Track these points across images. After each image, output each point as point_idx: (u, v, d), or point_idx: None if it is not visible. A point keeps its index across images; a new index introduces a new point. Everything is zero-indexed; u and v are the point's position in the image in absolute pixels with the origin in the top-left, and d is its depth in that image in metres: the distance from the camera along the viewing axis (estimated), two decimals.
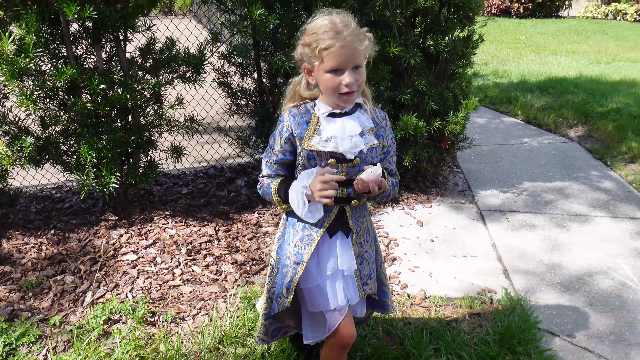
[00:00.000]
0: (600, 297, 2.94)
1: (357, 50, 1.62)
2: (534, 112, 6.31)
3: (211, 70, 3.77)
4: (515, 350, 2.42)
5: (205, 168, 4.42)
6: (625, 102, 6.50)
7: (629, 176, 4.59)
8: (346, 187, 1.80)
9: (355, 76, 1.65)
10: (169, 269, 3.04)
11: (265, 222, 3.52)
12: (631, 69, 9.03)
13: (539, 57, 10.39)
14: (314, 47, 1.63)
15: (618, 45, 11.98)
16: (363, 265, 1.94)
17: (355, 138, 1.74)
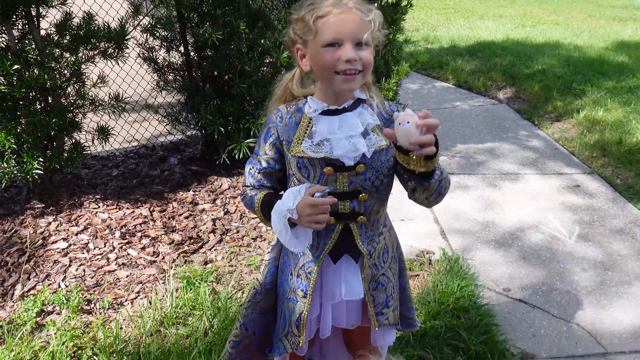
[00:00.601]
0: (532, 251, 3.07)
1: (362, 21, 1.32)
2: (465, 76, 6.45)
3: (135, 45, 3.61)
4: (455, 307, 2.50)
5: (135, 148, 4.27)
6: (550, 63, 6.74)
7: (555, 134, 4.78)
8: (349, 201, 1.45)
9: (359, 53, 1.32)
10: (102, 254, 2.93)
11: (201, 200, 3.44)
12: (554, 31, 9.35)
13: (468, 22, 10.58)
14: (309, 17, 1.33)
15: (542, 9, 12.37)
16: (378, 291, 1.58)
17: (355, 139, 1.39)
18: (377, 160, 1.42)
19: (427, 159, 1.23)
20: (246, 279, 2.69)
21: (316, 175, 1.42)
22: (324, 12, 1.32)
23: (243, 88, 3.29)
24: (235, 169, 3.78)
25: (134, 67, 4.14)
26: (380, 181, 1.45)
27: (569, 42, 8.13)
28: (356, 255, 1.53)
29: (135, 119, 4.52)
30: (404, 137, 1.20)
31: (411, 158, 1.25)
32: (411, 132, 1.18)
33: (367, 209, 1.47)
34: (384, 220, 1.57)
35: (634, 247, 3.13)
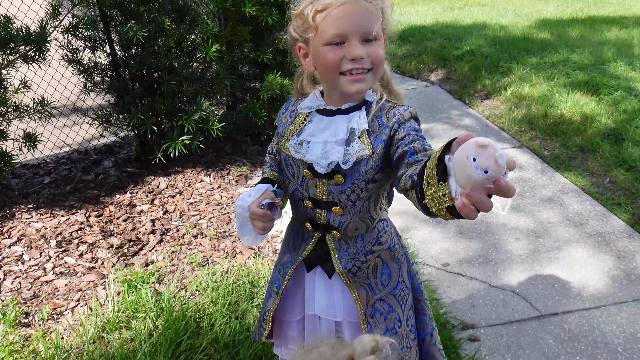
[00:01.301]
0: (468, 225, 3.18)
1: (367, 11, 1.15)
2: (397, 61, 6.56)
3: (58, 47, 3.49)
4: None
5: (67, 153, 4.14)
6: (478, 43, 6.94)
7: (485, 111, 4.95)
8: (326, 211, 1.33)
9: (367, 49, 1.17)
10: (38, 264, 2.84)
11: (139, 201, 3.38)
12: (481, 12, 9.63)
13: (399, 7, 10.74)
14: (307, 12, 1.19)
15: None
16: (376, 320, 1.39)
17: (330, 145, 1.25)
18: (356, 171, 1.25)
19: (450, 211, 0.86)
20: (189, 277, 2.67)
21: (299, 176, 1.33)
22: (323, 5, 1.16)
23: (173, 85, 3.25)
24: (172, 167, 3.73)
25: (59, 70, 4.01)
26: (356, 195, 1.28)
27: (495, 22, 8.40)
28: (329, 270, 1.40)
29: (64, 123, 4.38)
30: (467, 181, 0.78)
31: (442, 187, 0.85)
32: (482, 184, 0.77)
33: (341, 224, 1.33)
34: (375, 237, 1.38)
35: (562, 214, 3.29)
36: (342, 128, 1.25)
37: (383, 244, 1.39)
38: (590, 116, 4.47)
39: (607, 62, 5.73)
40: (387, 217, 1.44)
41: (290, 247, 1.47)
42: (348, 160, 1.24)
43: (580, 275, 2.74)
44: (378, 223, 1.38)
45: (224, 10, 3.33)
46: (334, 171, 1.26)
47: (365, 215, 1.33)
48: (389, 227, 1.43)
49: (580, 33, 7.45)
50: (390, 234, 1.42)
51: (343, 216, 1.32)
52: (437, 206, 0.87)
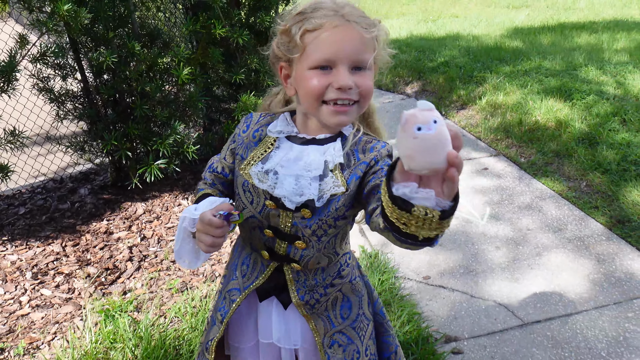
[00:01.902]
0: (449, 237, 3.18)
1: (362, 38, 1.06)
2: None
3: (29, 76, 3.45)
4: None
5: (43, 182, 4.08)
6: (452, 54, 7.02)
7: (461, 121, 4.99)
8: (288, 243, 1.22)
9: (356, 79, 1.07)
10: (14, 298, 2.78)
11: (116, 228, 3.34)
12: (454, 23, 9.76)
13: None
14: (295, 30, 1.08)
15: (441, 3, 12.86)
16: (334, 350, 1.33)
17: (305, 181, 1.14)
18: (327, 208, 1.14)
19: (445, 217, 0.79)
20: (168, 303, 2.63)
21: (259, 205, 1.20)
22: (314, 24, 1.06)
23: (146, 109, 3.23)
24: (149, 192, 3.69)
25: (30, 99, 3.97)
26: (323, 231, 1.19)
27: (468, 33, 8.51)
28: (286, 301, 1.32)
29: (39, 152, 4.32)
30: (424, 152, 0.73)
31: (416, 214, 0.79)
32: (442, 141, 0.73)
33: (302, 258, 1.23)
34: (336, 271, 1.30)
35: (541, 220, 3.31)
36: (317, 161, 1.14)
37: (344, 277, 1.32)
38: (564, 121, 4.53)
39: (579, 67, 5.82)
40: (349, 250, 1.36)
41: (237, 273, 1.36)
42: (322, 197, 1.14)
43: (561, 281, 2.75)
44: (341, 257, 1.30)
45: (194, 33, 3.33)
46: (302, 206, 1.15)
47: (330, 250, 1.24)
48: (351, 260, 1.36)
49: (551, 40, 7.58)
50: (352, 267, 1.35)
51: (306, 250, 1.22)
52: (430, 226, 0.81)
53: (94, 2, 3.27)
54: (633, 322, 2.44)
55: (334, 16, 1.07)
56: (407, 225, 0.82)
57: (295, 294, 1.28)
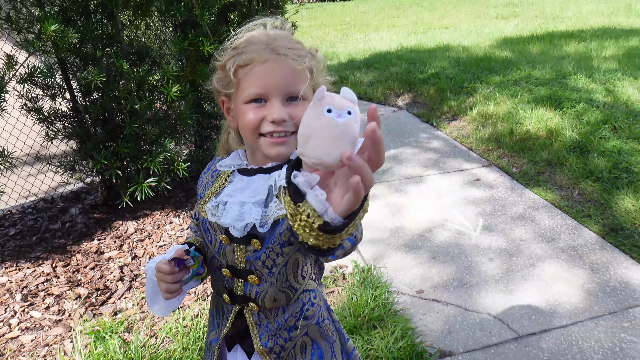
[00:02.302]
0: (441, 249, 3.17)
1: (293, 71, 1.08)
2: (364, 88, 6.62)
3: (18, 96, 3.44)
4: (370, 317, 2.53)
5: (33, 202, 4.05)
6: (442, 66, 7.05)
7: (453, 133, 5.00)
8: (244, 281, 1.19)
9: (290, 110, 1.08)
10: (3, 320, 2.74)
11: (107, 248, 3.31)
12: (444, 35, 9.82)
13: (364, 35, 10.91)
14: (229, 66, 1.10)
15: (432, 15, 12.98)
16: None
17: (247, 206, 1.14)
18: (274, 233, 1.12)
19: (328, 231, 0.76)
20: (159, 324, 2.60)
21: (216, 242, 1.19)
22: (245, 60, 1.08)
23: (135, 128, 3.21)
24: (140, 211, 3.67)
25: (20, 119, 3.95)
26: (272, 261, 1.15)
27: (457, 44, 8.57)
28: (249, 349, 1.24)
29: (29, 172, 4.30)
30: (322, 138, 0.67)
31: (300, 209, 0.76)
32: (347, 136, 0.67)
33: (258, 295, 1.18)
34: (299, 311, 1.22)
35: (534, 230, 3.31)
36: (262, 188, 1.13)
37: (309, 318, 1.23)
38: (555, 130, 4.54)
39: (568, 76, 5.85)
40: (315, 287, 1.26)
41: (214, 323, 1.33)
42: (266, 223, 1.11)
43: (555, 292, 2.74)
44: (302, 294, 1.22)
45: (183, 51, 3.32)
46: (251, 235, 1.13)
47: (284, 284, 1.18)
48: (317, 299, 1.26)
49: (540, 49, 7.63)
50: (318, 307, 1.26)
51: (260, 286, 1.18)
52: (309, 233, 0.77)
53: (82, 22, 3.27)
54: (629, 332, 2.42)
55: (264, 50, 1.08)
56: (293, 219, 0.79)
57: (258, 340, 1.22)
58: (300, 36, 11.03)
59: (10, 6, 3.34)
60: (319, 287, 1.28)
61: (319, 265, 1.27)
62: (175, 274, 1.16)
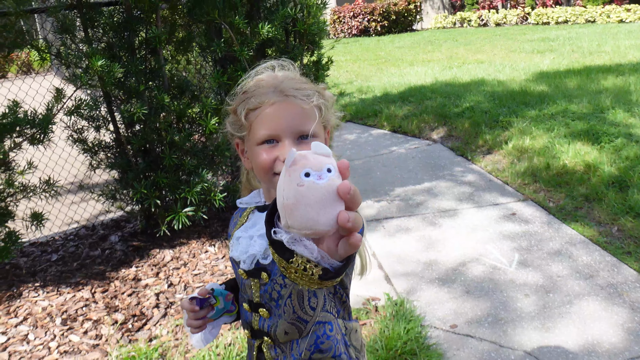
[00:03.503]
0: (475, 284, 3.13)
1: (302, 111, 1.12)
2: (399, 121, 6.67)
3: (64, 127, 3.61)
4: (402, 351, 2.51)
5: (75, 230, 4.19)
6: (477, 99, 7.06)
7: (487, 166, 4.98)
8: (258, 315, 1.22)
9: (303, 148, 1.02)
10: (43, 344, 2.83)
11: (144, 275, 3.39)
12: (479, 69, 9.84)
13: (399, 69, 11.02)
14: (240, 110, 1.15)
15: (467, 50, 13.03)
16: None
17: (254, 240, 1.18)
18: (274, 265, 1.14)
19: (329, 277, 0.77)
20: (192, 351, 2.64)
21: (239, 277, 1.25)
22: (255, 104, 1.12)
23: (175, 159, 3.32)
24: (177, 240, 3.75)
25: (65, 149, 4.12)
26: (277, 293, 1.16)
27: (492, 78, 8.56)
28: None
29: (72, 200, 4.46)
30: (308, 206, 0.64)
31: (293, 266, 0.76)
32: (333, 196, 0.64)
33: (269, 328, 1.20)
34: (313, 344, 1.19)
35: (571, 267, 3.24)
36: None
37: (325, 351, 1.19)
38: (592, 165, 4.47)
39: (606, 110, 5.78)
40: (331, 319, 1.22)
41: (248, 357, 1.36)
42: (269, 255, 1.13)
43: (593, 330, 2.67)
44: (316, 327, 1.19)
45: (222, 85, 3.44)
46: (261, 269, 1.16)
47: (292, 316, 1.17)
48: (334, 332, 1.21)
49: (577, 83, 7.56)
50: (335, 340, 1.21)
51: (271, 319, 1.20)
52: (310, 282, 0.77)
53: (127, 57, 3.44)
54: None
55: (273, 93, 1.12)
56: (286, 271, 0.79)
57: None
58: (335, 70, 11.22)
59: (60, 42, 3.53)
60: (338, 320, 1.24)
61: (339, 297, 1.25)
62: (196, 311, 1.24)
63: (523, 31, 16.41)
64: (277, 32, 3.54)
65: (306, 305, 1.18)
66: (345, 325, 1.26)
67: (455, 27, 20.76)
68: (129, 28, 3.41)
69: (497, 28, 18.84)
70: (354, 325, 1.29)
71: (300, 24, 3.60)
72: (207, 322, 1.30)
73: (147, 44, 3.48)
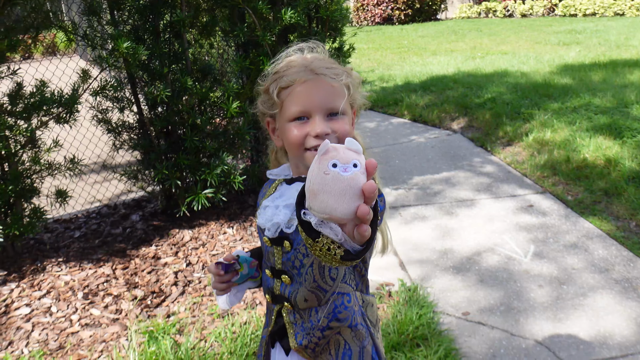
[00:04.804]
0: (490, 273, 3.15)
1: (332, 89, 1.17)
2: (419, 111, 6.66)
3: (89, 108, 3.69)
4: (414, 336, 2.55)
5: (97, 208, 4.29)
6: (499, 91, 7.01)
7: (507, 158, 4.96)
8: (280, 281, 1.28)
9: (332, 124, 1.17)
10: (65, 316, 2.92)
11: (163, 254, 3.47)
12: (503, 60, 9.74)
13: (421, 58, 10.95)
14: (273, 89, 1.20)
15: (491, 40, 12.88)
16: None
17: (279, 209, 1.24)
18: (297, 235, 1.19)
19: (350, 258, 0.86)
20: (209, 328, 2.71)
21: (263, 244, 1.32)
22: (286, 82, 1.18)
23: (196, 141, 3.38)
24: (196, 220, 3.83)
25: (90, 129, 4.21)
26: (299, 262, 1.22)
27: (516, 70, 8.48)
28: (286, 346, 1.32)
29: (95, 179, 4.56)
30: (330, 193, 0.70)
31: (319, 245, 0.85)
32: (354, 189, 0.71)
33: (290, 294, 1.26)
34: (331, 312, 1.25)
35: (587, 260, 3.24)
36: (295, 194, 1.13)
37: (342, 320, 1.25)
38: (613, 159, 4.44)
39: (630, 105, 5.70)
40: (350, 291, 1.28)
41: (265, 321, 1.44)
42: (292, 225, 1.20)
43: (606, 323, 2.68)
44: (335, 296, 1.25)
45: (244, 69, 3.48)
46: (283, 237, 1.22)
47: (312, 285, 1.23)
48: (351, 304, 1.27)
49: (602, 77, 7.46)
50: (351, 311, 1.27)
51: (292, 286, 1.26)
52: (332, 261, 0.87)
53: (151, 40, 3.49)
54: None
55: (304, 71, 1.18)
56: (311, 248, 0.88)
57: (294, 338, 1.29)
58: (357, 58, 11.19)
59: (87, 24, 3.60)
60: (356, 293, 1.30)
61: (359, 271, 1.31)
62: (221, 275, 1.34)
63: (549, 23, 16.15)
64: (300, 18, 3.56)
65: (327, 275, 1.24)
66: (362, 299, 1.32)
67: (480, 18, 20.50)
68: (154, 11, 3.46)
69: (522, 19, 18.56)
70: (370, 299, 1.35)
71: (323, 10, 3.63)
72: (231, 286, 1.38)
73: (172, 28, 3.53)
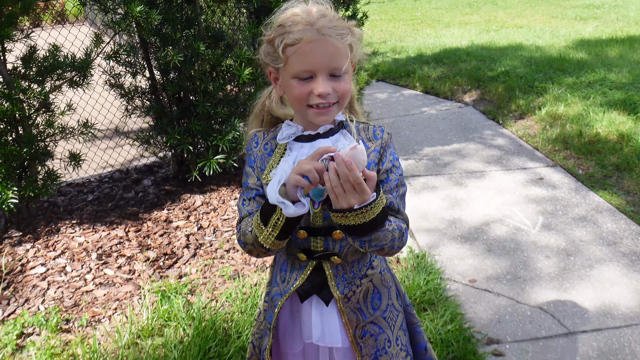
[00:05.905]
0: (497, 243, 3.18)
1: (336, 49, 1.19)
2: (431, 83, 6.61)
3: (102, 72, 3.71)
4: (421, 300, 2.60)
5: (110, 173, 4.34)
6: (513, 64, 6.93)
7: (519, 131, 4.94)
8: (323, 238, 1.32)
9: (334, 84, 1.21)
10: (80, 275, 2.99)
11: (175, 218, 3.52)
12: (518, 34, 9.60)
13: (434, 31, 10.81)
14: (278, 43, 1.21)
15: (506, 13, 12.67)
16: (366, 341, 1.42)
17: None
18: None
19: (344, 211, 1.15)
20: (220, 289, 2.77)
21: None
22: (293, 39, 1.18)
23: (208, 107, 3.40)
24: (207, 186, 3.87)
25: (102, 94, 4.24)
26: None
27: (531, 43, 8.37)
28: (327, 298, 1.39)
29: (107, 144, 4.60)
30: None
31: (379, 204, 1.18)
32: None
33: (342, 248, 1.33)
34: (368, 261, 1.41)
35: (595, 233, 3.25)
36: None
37: (375, 268, 1.43)
38: (626, 135, 4.41)
39: None
40: None
41: (278, 279, 1.46)
42: None
43: (611, 294, 2.71)
44: None
45: (256, 36, 3.47)
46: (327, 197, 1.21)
47: None
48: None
49: (618, 52, 7.35)
50: (380, 258, 1.46)
51: (343, 240, 1.32)
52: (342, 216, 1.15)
53: (164, 5, 3.48)
54: None
55: (310, 30, 1.18)
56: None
57: (336, 289, 1.37)
58: (369, 29, 11.07)
59: None
60: None
61: None
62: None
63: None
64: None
65: None
66: None
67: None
68: None
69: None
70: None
71: None
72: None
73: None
